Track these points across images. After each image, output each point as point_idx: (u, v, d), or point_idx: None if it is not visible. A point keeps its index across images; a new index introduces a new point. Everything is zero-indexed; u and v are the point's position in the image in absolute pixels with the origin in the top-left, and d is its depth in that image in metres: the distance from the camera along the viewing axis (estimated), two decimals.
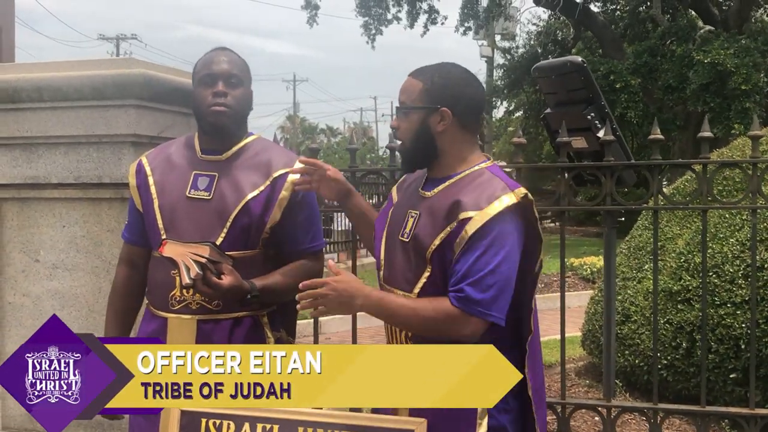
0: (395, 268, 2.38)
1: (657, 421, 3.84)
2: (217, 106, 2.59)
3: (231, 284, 2.45)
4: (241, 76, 2.67)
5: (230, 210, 2.59)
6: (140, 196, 2.73)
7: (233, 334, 2.62)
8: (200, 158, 2.68)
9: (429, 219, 2.29)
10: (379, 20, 25.79)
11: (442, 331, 2.21)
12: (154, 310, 2.69)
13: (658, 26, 21.84)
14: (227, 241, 2.58)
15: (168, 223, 2.63)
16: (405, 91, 2.38)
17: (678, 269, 5.22)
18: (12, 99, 3.61)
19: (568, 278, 12.67)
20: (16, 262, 3.72)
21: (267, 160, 2.67)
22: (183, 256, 2.43)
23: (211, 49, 2.75)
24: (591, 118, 4.68)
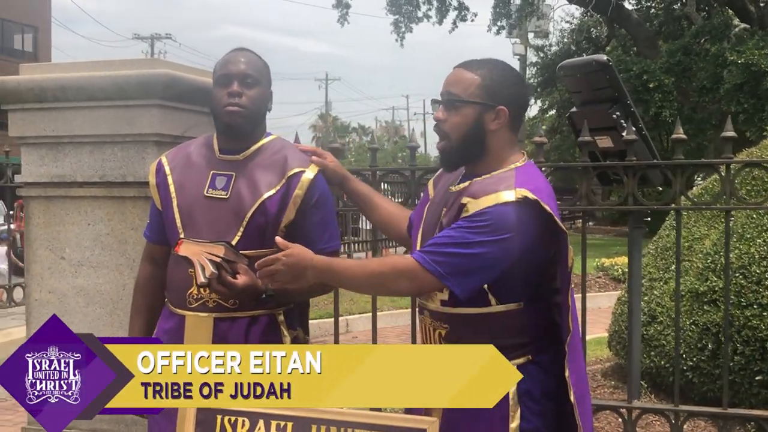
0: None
1: (678, 422, 3.80)
2: (231, 106, 2.61)
3: (246, 283, 2.47)
4: (258, 76, 2.67)
5: (246, 209, 2.61)
6: (159, 195, 2.76)
7: (250, 333, 2.64)
8: (218, 158, 2.71)
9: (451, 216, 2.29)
10: (409, 18, 25.80)
11: (388, 284, 2.28)
12: (172, 308, 2.72)
13: (693, 24, 21.61)
14: (244, 240, 2.60)
15: (186, 221, 2.66)
16: (458, 83, 2.29)
17: (704, 270, 5.17)
18: (38, 99, 3.67)
19: (599, 278, 12.60)
20: (42, 260, 3.78)
21: (283, 160, 2.68)
22: (198, 255, 2.45)
23: (231, 49, 2.77)
24: (616, 117, 4.64)
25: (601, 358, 6.88)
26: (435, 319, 2.35)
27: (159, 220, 2.80)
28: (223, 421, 2.39)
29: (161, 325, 2.78)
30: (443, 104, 2.30)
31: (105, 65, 3.67)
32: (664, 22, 24.27)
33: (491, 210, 2.18)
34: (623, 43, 25.96)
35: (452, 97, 2.29)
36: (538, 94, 28.81)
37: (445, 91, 2.30)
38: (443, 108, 2.30)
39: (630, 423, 3.84)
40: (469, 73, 2.30)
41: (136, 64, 3.64)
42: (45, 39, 41.44)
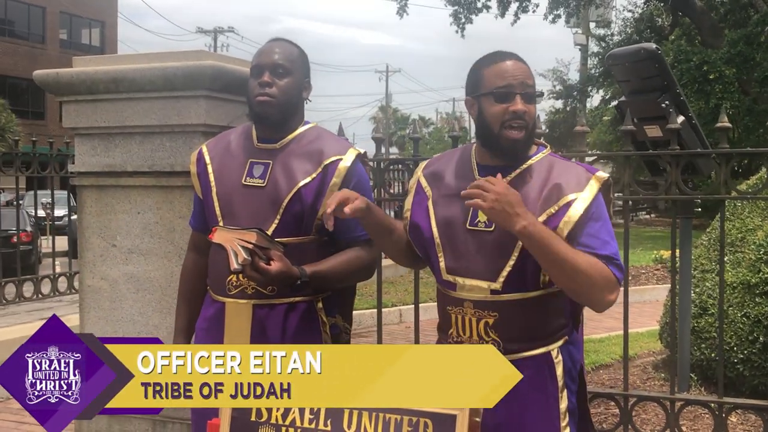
0: (467, 257, 2.33)
1: (723, 415, 3.76)
2: (262, 96, 2.66)
3: (280, 270, 2.48)
4: (290, 66, 2.70)
5: (283, 197, 2.64)
6: (200, 184, 2.82)
7: (288, 319, 2.68)
8: (256, 146, 2.75)
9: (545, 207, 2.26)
10: (469, 9, 25.66)
11: (591, 288, 2.19)
12: (213, 295, 2.77)
13: (758, 12, 21.07)
14: (280, 228, 2.64)
15: (225, 210, 2.71)
16: (529, 75, 2.32)
17: (757, 261, 5.08)
18: (90, 90, 3.78)
19: (658, 270, 12.43)
20: (94, 247, 3.89)
21: (319, 148, 2.71)
22: (231, 242, 2.49)
23: (268, 39, 2.81)
24: (665, 106, 4.60)
25: (653, 350, 6.82)
26: (481, 308, 2.31)
27: (201, 208, 2.86)
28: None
29: (203, 313, 2.84)
30: (528, 97, 2.29)
31: (155, 57, 3.76)
32: (729, 11, 23.68)
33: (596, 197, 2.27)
34: (687, 32, 25.43)
35: (533, 89, 2.31)
36: (600, 84, 28.42)
37: (523, 83, 2.29)
38: (525, 100, 2.28)
39: (672, 415, 3.81)
40: (528, 68, 2.33)
41: (184, 56, 3.72)
42: (111, 33, 42.31)
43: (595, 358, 6.46)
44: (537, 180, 2.29)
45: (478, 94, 2.32)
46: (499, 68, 2.29)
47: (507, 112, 2.25)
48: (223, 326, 2.72)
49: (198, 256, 2.91)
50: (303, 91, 2.77)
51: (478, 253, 2.31)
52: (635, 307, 6.68)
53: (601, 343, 7.25)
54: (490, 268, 2.28)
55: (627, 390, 3.95)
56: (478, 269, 2.30)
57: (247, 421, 2.45)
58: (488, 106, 2.28)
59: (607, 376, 6.08)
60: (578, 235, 2.22)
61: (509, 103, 2.25)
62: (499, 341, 2.29)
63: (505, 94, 2.25)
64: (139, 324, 3.82)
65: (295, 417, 2.41)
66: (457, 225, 2.34)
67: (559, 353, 2.35)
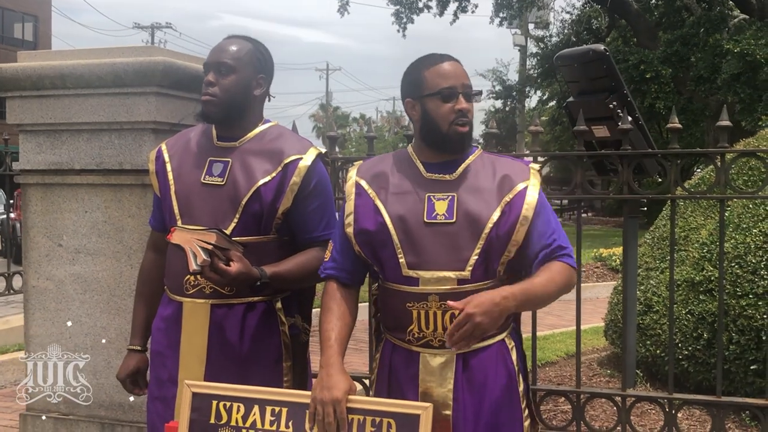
0: (430, 251, 2.36)
1: (672, 411, 3.83)
2: (204, 95, 2.65)
3: (239, 271, 2.45)
4: (234, 64, 2.67)
5: (242, 196, 2.61)
6: (158, 182, 2.78)
7: (246, 319, 2.65)
8: (216, 145, 2.72)
9: (475, 197, 2.36)
10: (410, 8, 25.74)
11: (562, 293, 2.36)
12: (171, 294, 2.73)
13: (693, 15, 21.59)
14: (240, 227, 2.61)
15: (183, 208, 2.67)
16: (467, 75, 2.43)
17: (700, 260, 5.18)
18: (36, 86, 3.69)
19: (598, 269, 12.64)
20: (39, 247, 3.80)
21: (279, 147, 2.69)
22: (190, 242, 2.45)
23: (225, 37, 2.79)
24: (613, 107, 4.67)
25: (597, 347, 6.93)
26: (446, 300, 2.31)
27: (160, 207, 2.81)
28: (218, 406, 2.41)
29: (160, 312, 2.79)
30: (470, 96, 2.42)
31: (103, 53, 3.68)
32: (664, 13, 24.19)
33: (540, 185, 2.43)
34: (624, 34, 25.92)
35: (470, 89, 2.42)
36: (538, 85, 28.80)
37: (464, 83, 2.40)
38: (468, 100, 2.40)
39: (624, 411, 3.86)
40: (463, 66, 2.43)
41: (134, 51, 3.64)
42: (45, 28, 41.40)
43: (541, 356, 6.53)
44: (484, 173, 2.40)
45: (421, 96, 2.40)
46: (441, 69, 2.39)
47: (453, 111, 2.35)
48: (180, 326, 2.68)
49: (157, 255, 2.87)
50: (254, 89, 2.72)
51: (440, 246, 2.34)
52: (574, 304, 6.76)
53: (546, 341, 7.34)
54: (456, 258, 2.33)
55: (579, 387, 3.99)
56: (442, 261, 2.34)
57: (206, 424, 2.41)
58: (434, 106, 2.37)
59: (554, 373, 6.15)
60: (537, 224, 2.35)
61: (454, 102, 2.36)
62: None
63: (450, 94, 2.37)
64: (86, 325, 3.74)
65: (256, 419, 2.39)
66: (414, 220, 2.37)
67: (511, 339, 2.45)
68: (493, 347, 2.39)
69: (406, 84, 2.47)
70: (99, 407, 3.72)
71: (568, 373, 6.00)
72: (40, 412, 3.81)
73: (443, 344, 2.32)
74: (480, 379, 2.36)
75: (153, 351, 2.77)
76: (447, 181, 2.40)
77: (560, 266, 2.34)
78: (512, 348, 2.44)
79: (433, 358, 2.37)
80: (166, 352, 2.71)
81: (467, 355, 2.36)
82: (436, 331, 2.36)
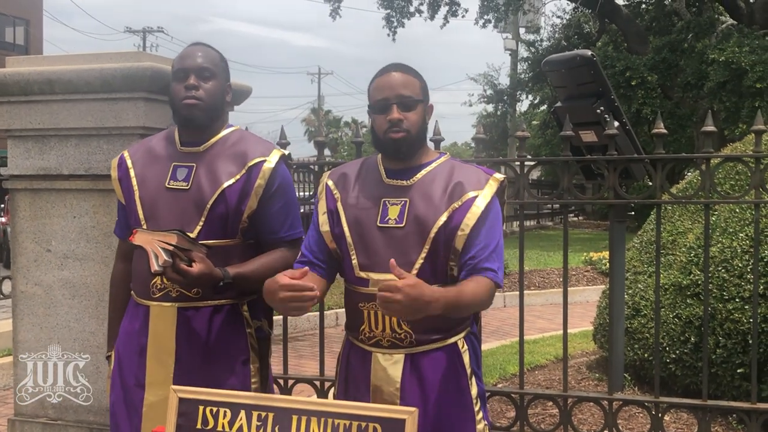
0: (379, 254, 2.44)
1: (659, 414, 3.85)
2: (189, 99, 2.67)
3: (201, 271, 2.49)
4: (214, 70, 2.73)
5: (207, 199, 2.66)
6: (122, 188, 2.82)
7: (213, 322, 2.69)
8: (180, 150, 2.76)
9: (426, 202, 2.44)
10: (401, 13, 25.75)
11: (482, 306, 2.43)
12: (138, 299, 2.76)
13: (682, 20, 21.67)
14: (205, 230, 2.65)
15: (148, 213, 2.71)
16: (408, 85, 2.50)
17: (688, 264, 5.21)
18: (24, 91, 3.69)
19: (587, 272, 12.68)
20: (28, 252, 3.80)
21: (243, 150, 2.74)
22: (151, 243, 2.48)
23: (188, 44, 2.84)
24: (600, 112, 4.69)
25: (586, 351, 6.95)
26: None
27: (125, 215, 2.85)
28: (205, 412, 2.42)
29: (127, 317, 2.81)
30: (402, 105, 2.47)
31: (92, 58, 3.68)
32: (654, 18, 24.28)
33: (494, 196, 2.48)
34: (614, 39, 25.99)
35: (409, 98, 2.49)
36: (529, 89, 28.84)
37: (398, 94, 2.47)
38: (401, 109, 2.47)
39: (611, 415, 3.88)
40: (410, 77, 2.51)
41: (122, 57, 3.65)
42: (36, 32, 41.25)
43: (530, 359, 6.55)
44: (440, 180, 2.47)
45: (369, 108, 2.55)
46: (378, 83, 2.51)
47: (385, 122, 2.46)
48: (146, 330, 2.71)
49: (126, 264, 2.89)
50: (226, 95, 2.80)
51: (389, 249, 2.43)
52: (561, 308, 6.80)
53: (535, 344, 7.37)
54: (402, 262, 2.38)
55: (566, 391, 4.01)
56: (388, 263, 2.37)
57: (193, 429, 2.42)
58: (374, 118, 2.51)
59: (543, 376, 6.17)
60: (475, 237, 2.41)
61: (387, 113, 2.46)
62: (411, 333, 2.43)
63: (383, 107, 2.47)
64: (74, 331, 3.74)
65: (243, 424, 2.40)
66: (368, 224, 2.47)
67: (465, 343, 2.51)
68: (445, 349, 2.47)
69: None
70: (87, 412, 3.73)
71: (557, 376, 6.02)
72: (29, 418, 3.81)
73: (393, 344, 2.44)
74: (428, 378, 2.43)
75: (118, 353, 2.79)
76: (403, 186, 2.49)
77: (486, 283, 2.39)
78: (464, 351, 2.50)
79: (383, 357, 2.46)
80: (132, 356, 2.74)
81: (416, 355, 2.43)
82: (385, 332, 2.45)
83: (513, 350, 6.92)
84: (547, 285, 11.85)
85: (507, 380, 6.07)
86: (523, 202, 3.99)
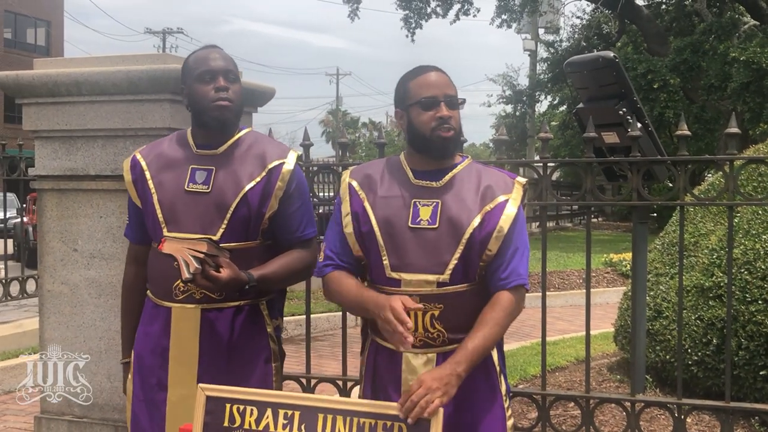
0: (411, 254, 2.45)
1: (681, 416, 3.84)
2: (222, 101, 2.68)
3: (229, 276, 2.54)
4: (237, 73, 2.78)
5: (229, 202, 2.67)
6: (137, 191, 2.80)
7: (235, 322, 2.72)
8: (196, 153, 2.76)
9: (459, 204, 2.45)
10: (419, 14, 25.79)
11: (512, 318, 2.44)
12: (158, 300, 2.75)
13: (703, 21, 21.52)
14: (228, 233, 2.66)
15: (168, 216, 2.70)
16: (451, 85, 2.52)
17: (710, 266, 5.19)
18: (52, 93, 3.74)
19: (608, 274, 12.64)
20: (55, 251, 3.84)
21: (261, 152, 2.76)
22: (181, 251, 2.51)
23: (201, 47, 2.84)
24: (623, 114, 4.68)
25: (607, 352, 6.92)
26: (427, 301, 2.43)
27: (138, 219, 2.84)
28: (231, 410, 2.44)
29: (145, 318, 2.81)
30: (451, 104, 2.49)
31: (118, 60, 3.73)
32: (674, 19, 24.17)
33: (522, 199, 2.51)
34: (634, 40, 25.88)
35: (455, 97, 2.51)
36: (548, 89, 28.77)
37: (445, 92, 2.49)
38: (450, 107, 2.48)
39: (633, 416, 3.88)
40: (449, 78, 2.53)
41: (149, 59, 3.70)
42: (57, 33, 41.59)
43: (551, 361, 6.54)
44: (469, 183, 2.49)
45: (407, 105, 2.51)
46: (423, 80, 2.50)
47: (434, 118, 2.45)
48: (167, 331, 2.72)
49: (139, 268, 2.88)
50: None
51: (422, 250, 2.44)
52: (582, 309, 6.79)
53: (555, 346, 7.35)
54: (437, 262, 2.42)
55: (588, 392, 4.01)
56: (423, 264, 2.43)
57: (220, 427, 2.44)
58: (416, 115, 2.48)
59: (563, 378, 6.16)
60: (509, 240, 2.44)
61: (435, 110, 2.45)
62: (444, 331, 2.44)
63: (431, 103, 2.46)
64: (100, 329, 3.78)
65: (269, 422, 2.42)
66: (399, 224, 2.47)
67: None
68: None
69: (396, 96, 2.59)
70: (113, 410, 3.77)
71: (578, 378, 6.01)
72: (55, 415, 3.85)
73: (424, 344, 2.45)
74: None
75: (138, 355, 2.80)
76: (433, 188, 2.49)
77: (507, 298, 2.42)
78: (493, 349, 2.51)
79: (415, 358, 2.46)
80: (153, 357, 2.75)
81: (448, 354, 2.42)
82: (417, 331, 2.44)
83: (533, 352, 6.91)
84: (567, 286, 11.81)
85: (528, 381, 6.06)
86: (546, 204, 4.00)
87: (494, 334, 2.38)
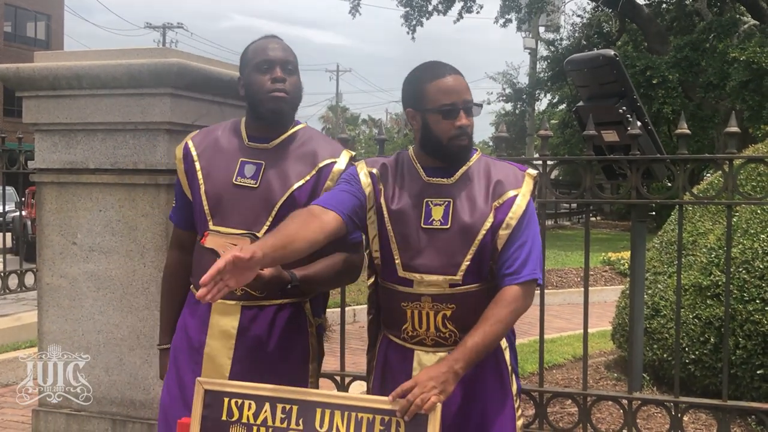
0: (423, 254, 2.43)
1: (678, 414, 3.85)
2: (278, 92, 2.61)
3: (272, 275, 2.46)
4: (296, 64, 2.69)
5: (276, 199, 2.61)
6: (187, 180, 2.75)
7: (276, 320, 2.65)
8: (247, 146, 2.69)
9: (470, 204, 2.43)
10: (420, 11, 25.78)
11: (520, 312, 2.39)
12: None
13: (703, 20, 21.54)
14: (272, 229, 2.60)
15: (214, 209, 2.65)
16: (468, 90, 2.46)
17: (708, 264, 5.20)
18: (52, 86, 3.73)
19: (606, 272, 12.66)
20: (54, 245, 3.84)
21: (313, 150, 2.68)
22: (225, 246, 2.47)
23: (261, 36, 2.76)
24: (622, 112, 4.68)
25: (605, 350, 6.94)
26: (439, 302, 2.42)
27: (185, 205, 2.78)
28: (230, 404, 2.45)
29: (186, 311, 2.77)
30: (466, 110, 2.43)
31: (118, 54, 3.72)
32: (675, 18, 24.20)
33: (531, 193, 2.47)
34: (634, 38, 25.89)
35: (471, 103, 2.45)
36: (548, 88, 28.79)
37: (464, 98, 2.43)
38: (465, 113, 2.43)
39: (630, 414, 3.89)
40: (465, 79, 2.46)
41: (149, 53, 3.69)
42: (57, 27, 41.55)
43: (548, 358, 6.55)
44: (480, 179, 2.46)
45: (423, 109, 2.43)
46: (442, 85, 2.41)
47: (454, 128, 2.40)
48: (206, 326, 2.67)
49: (181, 253, 2.84)
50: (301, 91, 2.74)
51: (434, 250, 2.41)
52: (580, 307, 6.79)
53: (553, 344, 7.36)
54: (449, 263, 2.40)
55: (586, 389, 4.02)
56: (435, 265, 2.41)
57: (218, 420, 2.44)
58: (435, 122, 2.41)
59: (561, 375, 6.17)
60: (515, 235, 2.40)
61: (454, 119, 2.40)
62: (456, 331, 2.43)
63: (451, 111, 2.40)
64: (99, 323, 3.78)
65: (267, 416, 2.42)
66: (411, 224, 2.44)
67: (505, 340, 2.51)
68: None
69: (408, 94, 2.51)
70: (111, 404, 3.77)
71: (575, 375, 6.02)
72: (53, 409, 3.86)
73: (436, 343, 2.45)
74: (471, 376, 2.40)
75: (174, 347, 2.77)
76: (445, 185, 2.46)
77: (510, 294, 2.37)
78: (506, 348, 2.52)
79: (426, 355, 2.46)
80: (190, 351, 2.71)
81: None
82: (429, 330, 2.45)
83: (531, 349, 6.91)
84: (565, 285, 11.83)
85: (525, 378, 6.07)
86: (545, 201, 4.00)
87: (495, 331, 2.34)
